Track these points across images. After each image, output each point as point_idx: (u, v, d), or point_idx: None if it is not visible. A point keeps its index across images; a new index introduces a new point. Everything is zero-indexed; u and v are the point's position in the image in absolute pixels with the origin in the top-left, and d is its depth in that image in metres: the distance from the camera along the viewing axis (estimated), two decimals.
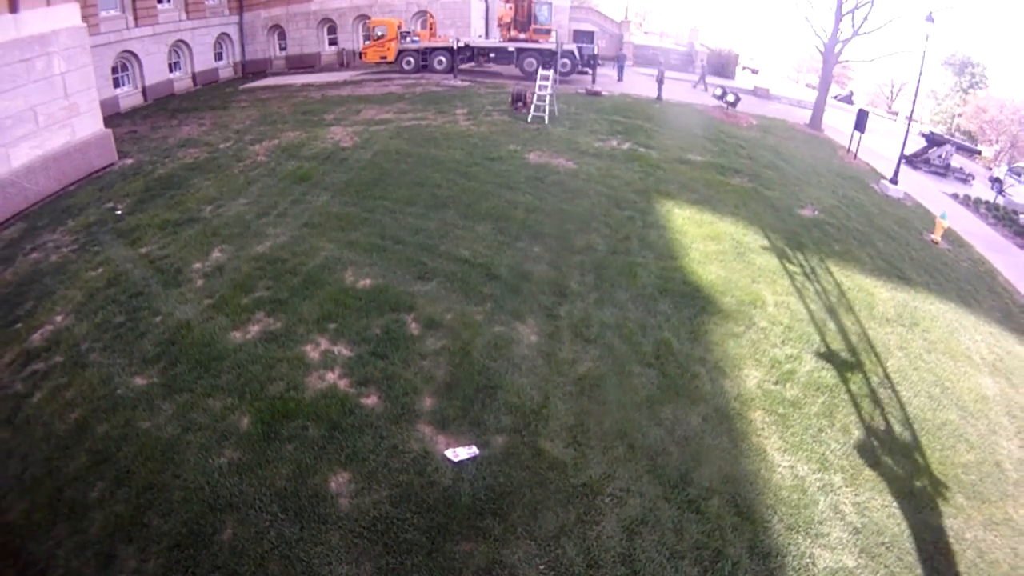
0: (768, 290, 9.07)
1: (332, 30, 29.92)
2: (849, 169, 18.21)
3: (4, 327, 7.54)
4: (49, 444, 5.82)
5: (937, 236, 13.22)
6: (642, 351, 7.49)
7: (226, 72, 30.17)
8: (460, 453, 6.29)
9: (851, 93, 39.51)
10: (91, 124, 13.19)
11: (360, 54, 25.58)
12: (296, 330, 7.34)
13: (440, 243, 9.32)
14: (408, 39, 24.55)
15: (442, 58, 24.50)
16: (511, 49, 24.35)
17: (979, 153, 24.45)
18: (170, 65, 26.15)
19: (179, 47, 26.68)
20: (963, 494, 6.35)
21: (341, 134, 15.27)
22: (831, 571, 5.25)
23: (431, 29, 25.87)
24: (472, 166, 12.67)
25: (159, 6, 25.06)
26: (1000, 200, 19.16)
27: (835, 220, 12.62)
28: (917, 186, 18.72)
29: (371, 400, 6.53)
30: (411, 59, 24.64)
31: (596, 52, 24.96)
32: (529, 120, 16.59)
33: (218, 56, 29.62)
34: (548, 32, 24.52)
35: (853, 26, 21.29)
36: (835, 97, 27.79)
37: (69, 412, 6.17)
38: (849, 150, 19.55)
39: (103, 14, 21.74)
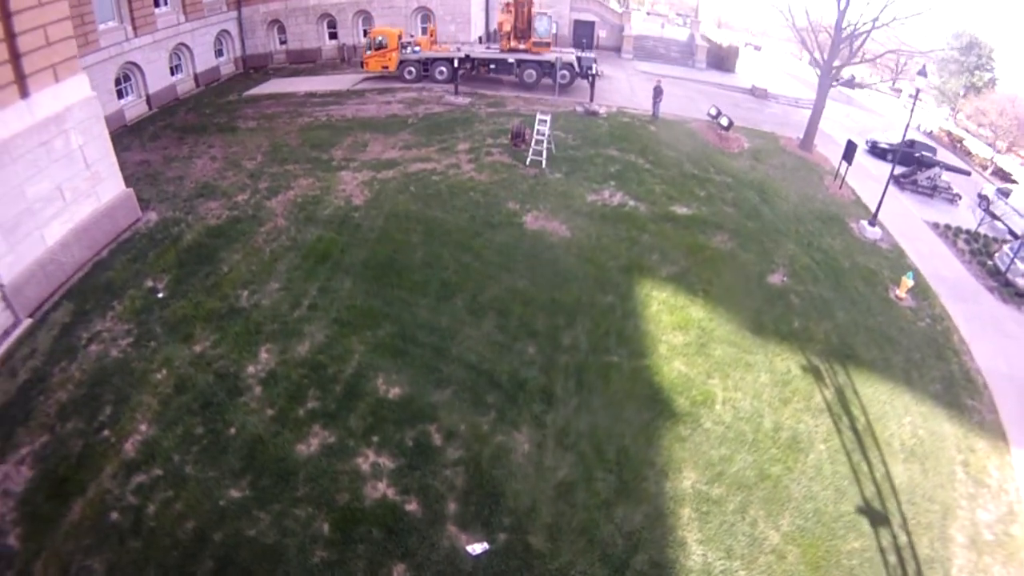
0: (720, 386, 10.95)
1: (332, 24, 29.97)
2: (832, 204, 19.44)
3: (94, 433, 9.48)
4: (177, 552, 7.81)
5: (902, 293, 14.74)
6: (606, 458, 9.49)
7: (227, 68, 30.44)
8: (476, 548, 8.53)
9: (852, 77, 39.58)
10: (114, 187, 14.32)
11: (362, 63, 26.00)
12: (348, 443, 9.29)
13: (452, 346, 11.03)
14: (409, 49, 25.01)
15: (443, 68, 25.08)
16: (511, 61, 24.93)
17: (968, 174, 25.35)
18: (172, 68, 26.59)
19: (180, 49, 26.97)
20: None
21: (351, 185, 16.54)
22: None
23: (431, 35, 26.18)
24: (475, 237, 14.14)
25: (157, 11, 25.23)
26: (982, 230, 20.39)
27: (801, 287, 14.32)
28: (900, 214, 20.13)
29: (413, 507, 8.67)
30: (412, 69, 25.21)
31: (595, 60, 25.58)
32: (528, 163, 17.84)
33: (219, 53, 29.81)
34: (548, 45, 24.98)
35: (852, 49, 21.91)
36: (837, 80, 28.40)
37: (185, 522, 8.08)
38: (837, 176, 20.82)
39: (102, 27, 22.01)
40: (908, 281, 14.64)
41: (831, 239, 16.42)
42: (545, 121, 17.72)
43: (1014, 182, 30.78)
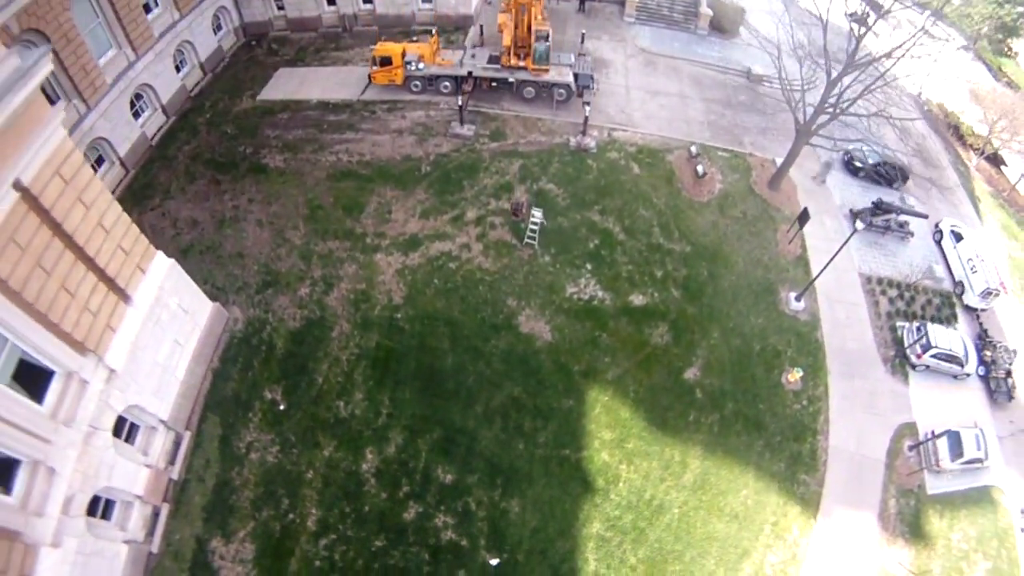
0: (626, 470, 18.06)
1: None
2: (774, 268, 23.58)
3: (283, 516, 17.10)
4: None
5: (792, 378, 20.90)
6: (555, 515, 17.28)
7: (228, 41, 31.19)
8: (494, 561, 16.98)
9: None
10: (205, 310, 19.36)
11: (369, 77, 27.52)
12: (429, 510, 17.05)
13: (476, 444, 18.14)
14: (413, 66, 26.64)
15: (447, 83, 27.17)
16: (511, 80, 26.87)
17: (926, 217, 26.80)
18: (177, 66, 28.16)
19: (182, 47, 28.14)
20: None
21: (389, 275, 21.74)
22: None
23: (433, 44, 27.19)
24: (485, 342, 20.06)
25: (150, 16, 25.79)
26: (915, 278, 24.04)
27: (708, 380, 19.96)
28: (840, 267, 23.31)
29: (464, 542, 16.95)
30: (418, 83, 27.26)
31: (592, 77, 27.40)
32: (524, 243, 22.75)
33: (217, 28, 30.31)
34: (546, 69, 26.48)
35: (836, 108, 23.17)
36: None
37: (357, 561, 16.99)
38: (792, 228, 24.54)
39: (102, 60, 23.53)
40: (797, 373, 20.81)
41: (755, 318, 22.15)
42: (539, 214, 22.20)
43: (1002, 164, 32.96)
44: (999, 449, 21.62)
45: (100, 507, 15.30)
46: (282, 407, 19.07)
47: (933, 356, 22.28)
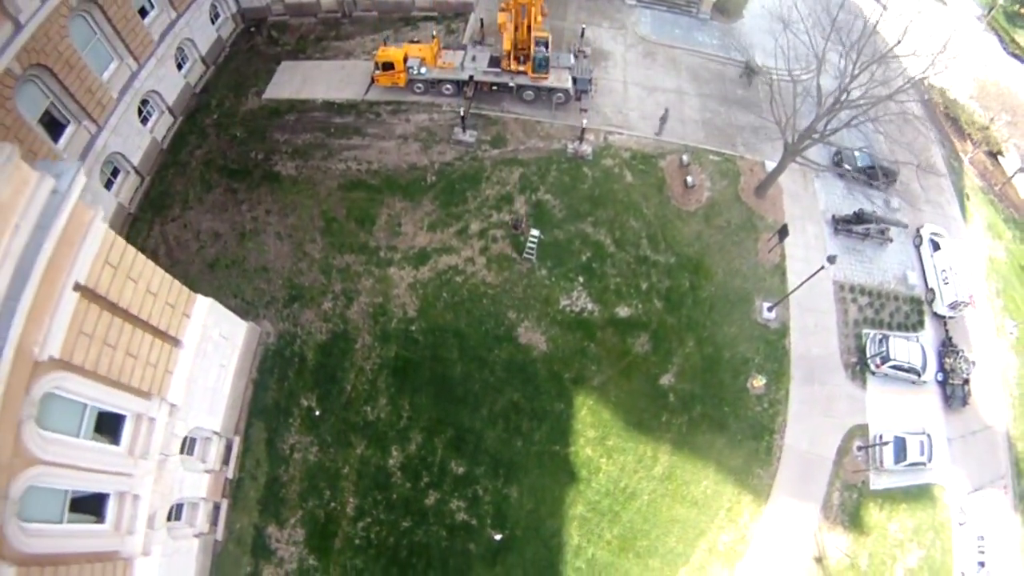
0: (606, 463, 20.53)
1: None
2: (752, 277, 24.42)
3: (326, 505, 19.94)
4: (387, 554, 19.65)
5: (756, 384, 22.64)
6: (546, 500, 20.26)
7: (226, 28, 29.74)
8: (497, 536, 20.37)
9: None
10: (241, 330, 20.81)
11: (372, 79, 26.57)
12: (445, 497, 19.81)
13: (483, 443, 20.41)
14: (415, 70, 25.80)
15: (449, 86, 26.48)
16: (511, 84, 26.15)
17: (905, 227, 26.85)
18: (179, 65, 27.19)
19: (183, 44, 27.00)
20: None
21: (402, 288, 22.94)
22: None
23: (435, 45, 26.01)
24: (488, 351, 21.81)
25: (146, 20, 24.64)
26: (889, 285, 25.21)
27: (680, 385, 21.85)
28: (816, 266, 24.10)
29: (474, 522, 20.02)
30: (421, 86, 26.56)
31: (590, 81, 26.59)
32: (523, 257, 23.67)
33: (215, 17, 28.81)
34: (546, 75, 25.55)
35: (826, 129, 23.03)
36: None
37: (388, 538, 19.73)
38: (773, 238, 24.91)
39: (105, 75, 23.01)
40: (760, 379, 22.59)
41: (729, 327, 23.47)
42: (535, 237, 22.96)
43: (999, 155, 31.88)
44: (947, 450, 23.66)
45: (173, 511, 17.85)
46: (317, 413, 21.21)
47: (891, 367, 23.74)
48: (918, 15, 21.82)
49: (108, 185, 24.04)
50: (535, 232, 23.15)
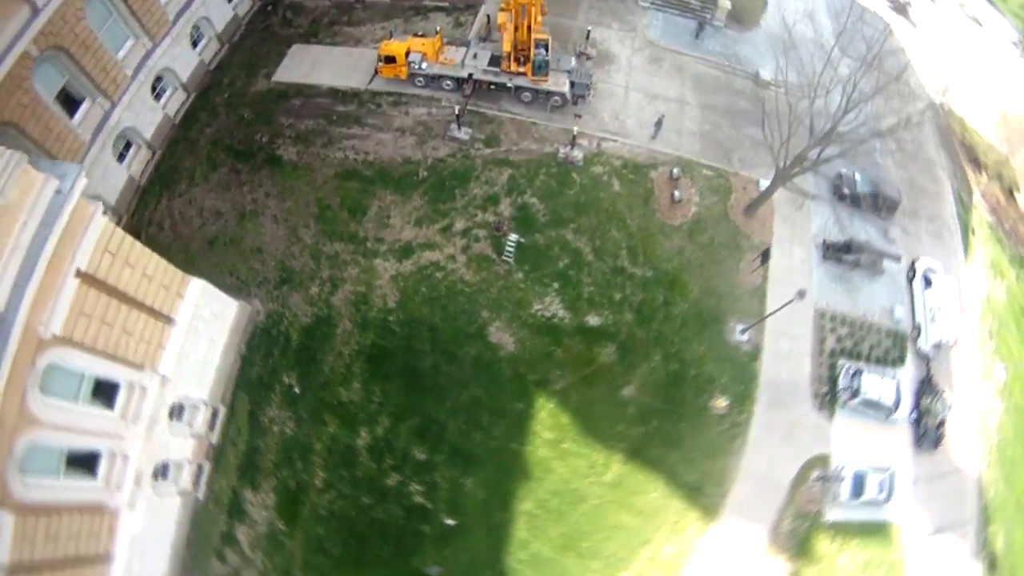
0: (558, 465, 22.37)
1: None
2: (728, 297, 25.16)
3: (297, 476, 22.71)
4: (345, 526, 22.32)
5: (718, 404, 23.86)
6: (500, 492, 22.59)
7: (243, 7, 31.30)
8: (450, 521, 22.84)
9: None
10: (232, 310, 23.13)
11: (376, 71, 27.91)
12: (405, 480, 22.30)
13: (445, 432, 22.50)
14: (416, 65, 27.00)
15: (448, 82, 27.63)
16: (509, 85, 27.11)
17: (898, 260, 27.08)
18: (194, 43, 28.94)
19: (199, 23, 28.68)
20: None
21: (385, 280, 24.86)
22: None
23: (438, 40, 27.06)
24: (459, 347, 23.62)
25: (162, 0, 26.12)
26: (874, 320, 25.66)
27: (641, 398, 24.09)
28: (805, 294, 24.65)
29: (430, 506, 22.48)
30: (422, 79, 27.79)
31: (588, 86, 27.33)
32: (502, 258, 25.21)
33: None
34: (546, 78, 26.39)
35: (819, 158, 23.37)
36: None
37: (349, 512, 22.36)
38: (756, 260, 25.75)
39: (120, 54, 24.74)
40: (723, 401, 23.69)
41: (698, 345, 24.52)
42: (514, 240, 24.41)
43: (1015, 191, 31.52)
44: (911, 490, 24.28)
45: (160, 471, 20.58)
46: (297, 390, 23.61)
47: (860, 403, 24.48)
48: (947, 38, 21.53)
49: (121, 158, 26.30)
50: (514, 236, 24.60)
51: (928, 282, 27.26)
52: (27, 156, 13.99)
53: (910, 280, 27.75)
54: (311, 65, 29.51)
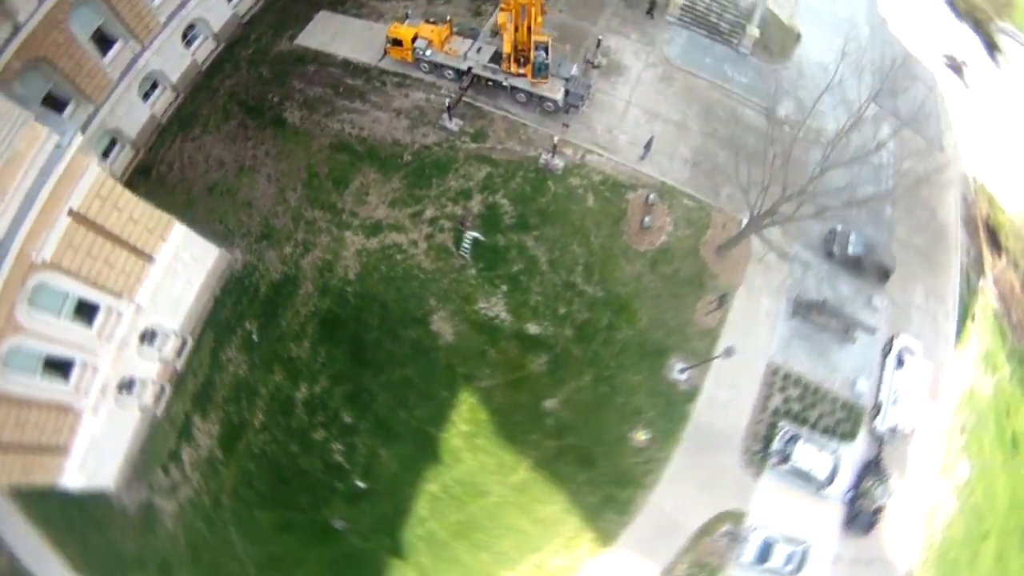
0: (467, 457, 26.68)
1: None
2: (676, 335, 27.43)
3: (240, 414, 28.05)
4: (273, 467, 27.76)
5: (639, 437, 26.53)
6: (412, 472, 27.09)
7: None
8: (361, 484, 27.70)
9: None
10: (212, 256, 28.26)
11: (385, 51, 31.79)
12: (329, 438, 27.42)
13: (373, 403, 27.25)
14: (421, 51, 30.55)
15: (451, 71, 31.04)
16: (505, 84, 30.13)
17: (873, 333, 28.33)
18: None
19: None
20: None
21: (351, 253, 29.31)
22: None
23: (448, 28, 30.56)
24: (404, 328, 27.79)
25: None
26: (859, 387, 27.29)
27: (563, 413, 27.65)
28: (755, 348, 27.54)
29: (348, 466, 27.60)
30: (426, 65, 31.35)
31: (582, 97, 29.89)
32: (460, 251, 28.87)
33: None
34: (545, 80, 29.18)
35: (795, 214, 24.80)
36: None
37: (283, 451, 27.82)
38: (720, 301, 27.89)
39: (155, 2, 29.35)
40: (643, 435, 26.31)
41: (633, 375, 27.22)
42: (470, 237, 28.04)
43: None
44: (829, 569, 26.03)
45: (127, 385, 26.46)
46: (255, 338, 28.85)
47: (789, 470, 26.47)
48: (1000, 109, 22.15)
49: (146, 97, 31.82)
50: (473, 233, 28.21)
51: (901, 362, 28.35)
52: (34, 115, 19.04)
53: (885, 355, 28.92)
54: (332, 34, 33.66)
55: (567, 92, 29.82)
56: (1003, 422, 30.05)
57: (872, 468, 27.43)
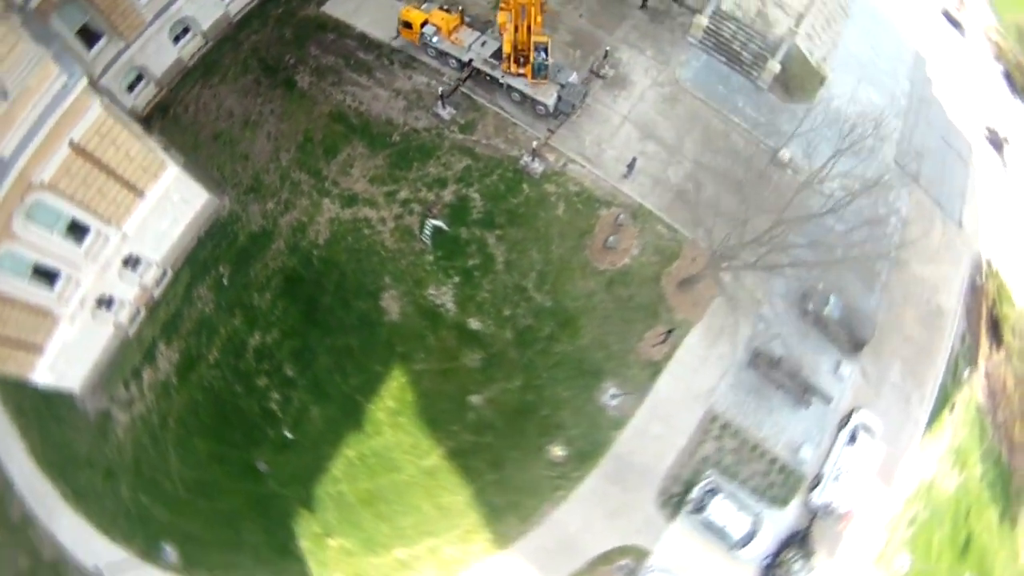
0: (388, 433, 30.93)
1: None
2: (615, 359, 30.23)
3: (200, 348, 33.70)
4: (218, 397, 33.26)
5: (555, 452, 29.38)
6: (338, 435, 31.67)
7: None
8: (288, 434, 32.65)
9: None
10: (201, 199, 33.71)
11: (397, 31, 35.79)
12: (270, 387, 32.63)
13: (314, 362, 32.03)
14: (428, 37, 34.33)
15: (453, 60, 34.71)
16: (501, 81, 33.41)
17: (827, 403, 29.51)
18: None
19: None
20: None
21: (324, 220, 33.91)
22: None
23: (459, 18, 34.10)
24: (356, 299, 32.36)
25: None
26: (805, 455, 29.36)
27: (485, 410, 31.01)
28: (699, 394, 29.80)
29: (280, 415, 32.60)
30: (432, 50, 35.18)
31: (574, 104, 32.64)
32: (421, 236, 32.71)
33: None
34: (545, 81, 32.19)
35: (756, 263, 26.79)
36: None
37: (230, 388, 33.32)
38: (668, 336, 30.24)
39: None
40: (559, 451, 29.06)
41: (564, 391, 30.17)
42: (431, 225, 31.84)
43: None
44: None
45: (107, 303, 32.47)
46: (225, 282, 34.22)
47: (702, 522, 28.44)
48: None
49: (176, 40, 37.60)
50: (435, 222, 32.02)
51: (854, 438, 29.58)
52: (51, 53, 24.54)
53: (840, 427, 30.18)
54: (356, 6, 38.11)
55: (559, 98, 32.69)
56: (960, 523, 30.49)
57: (797, 540, 29.00)
